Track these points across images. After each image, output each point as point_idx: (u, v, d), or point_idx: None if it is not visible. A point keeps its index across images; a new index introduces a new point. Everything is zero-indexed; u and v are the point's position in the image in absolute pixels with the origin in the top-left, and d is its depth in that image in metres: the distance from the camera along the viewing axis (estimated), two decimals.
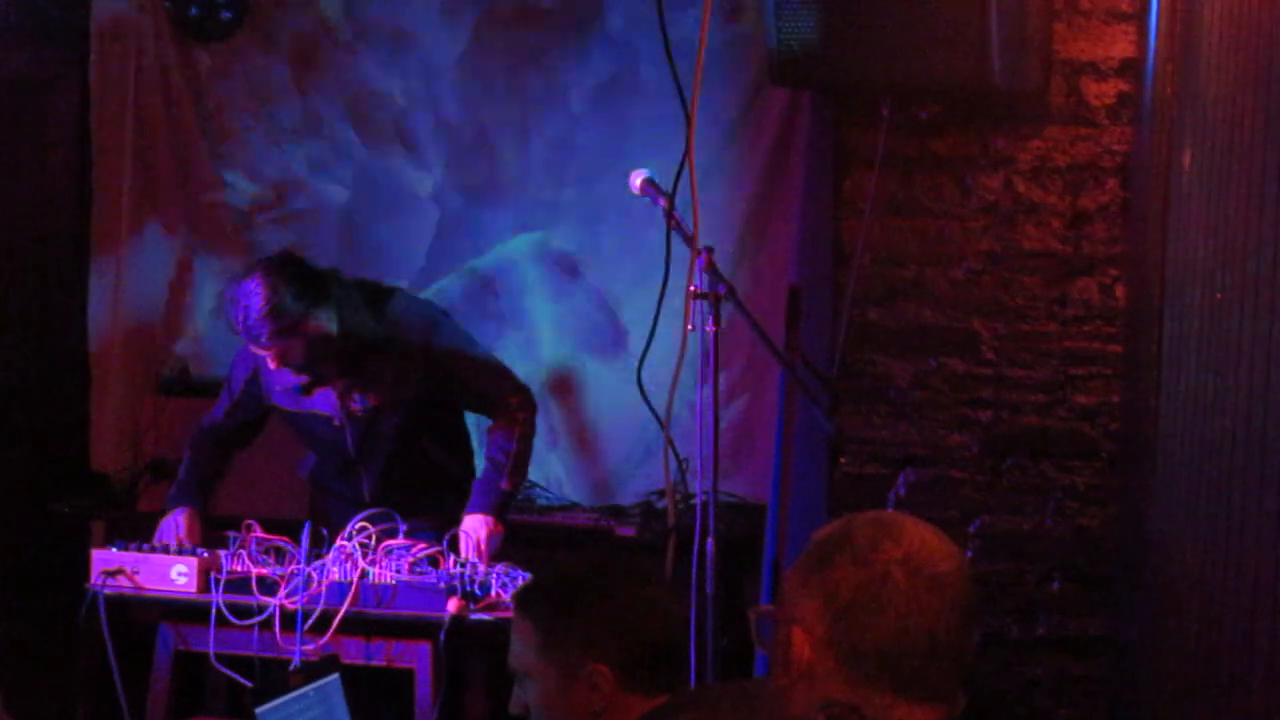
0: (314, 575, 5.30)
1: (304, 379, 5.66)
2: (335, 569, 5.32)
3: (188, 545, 5.56)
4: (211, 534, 5.69)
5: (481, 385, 5.83)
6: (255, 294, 5.39)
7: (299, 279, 5.48)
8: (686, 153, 5.11)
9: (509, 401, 5.82)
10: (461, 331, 5.92)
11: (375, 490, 5.79)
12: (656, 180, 5.26)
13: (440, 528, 5.55)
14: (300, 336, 5.46)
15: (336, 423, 5.75)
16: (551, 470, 7.00)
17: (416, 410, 5.76)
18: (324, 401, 5.72)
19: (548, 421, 7.02)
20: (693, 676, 4.82)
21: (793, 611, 2.48)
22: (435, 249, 7.10)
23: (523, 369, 6.97)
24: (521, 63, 6.94)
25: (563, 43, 6.87)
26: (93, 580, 5.43)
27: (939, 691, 2.45)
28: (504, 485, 5.70)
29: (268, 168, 7.19)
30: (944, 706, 2.46)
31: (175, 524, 5.67)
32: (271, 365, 5.54)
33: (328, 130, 7.14)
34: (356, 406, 5.70)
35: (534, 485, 6.96)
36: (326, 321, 5.49)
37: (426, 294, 7.01)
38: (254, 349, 5.51)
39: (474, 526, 5.59)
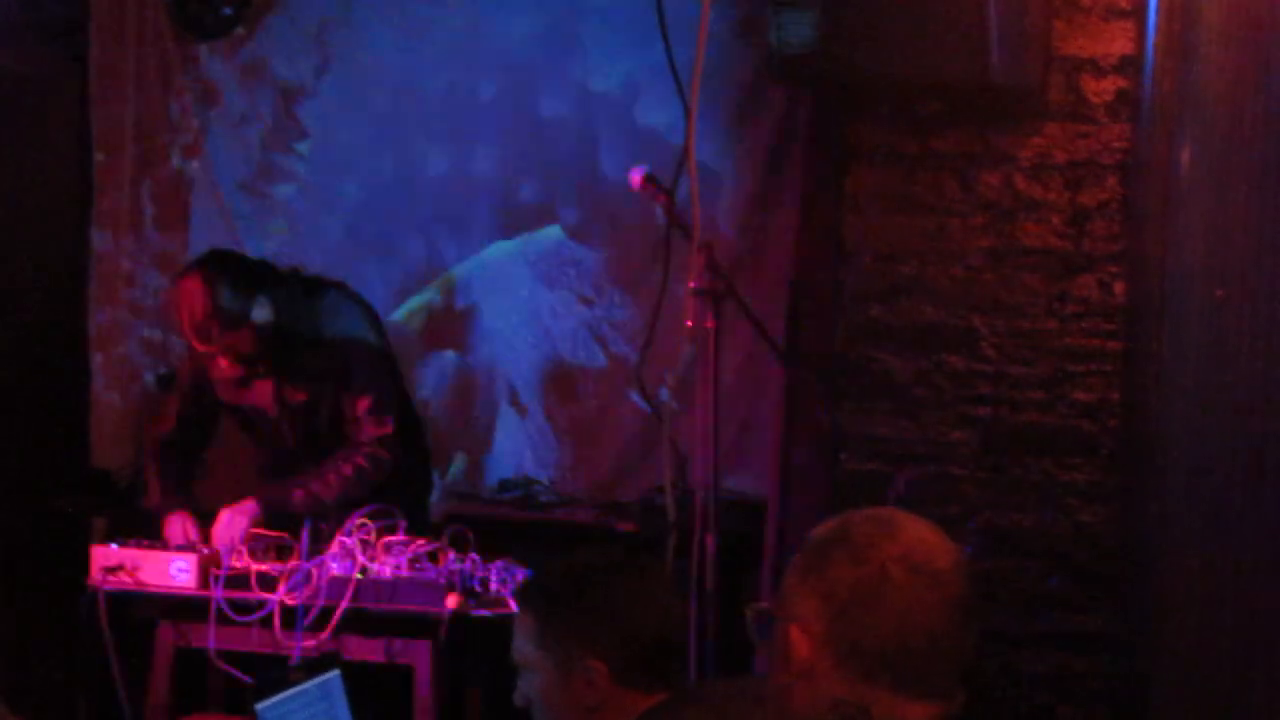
0: (314, 571, 5.30)
1: (241, 372, 5.68)
2: (335, 565, 5.32)
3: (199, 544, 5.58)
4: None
5: (358, 401, 5.76)
6: (196, 293, 5.44)
7: (236, 273, 5.52)
8: (687, 149, 5.12)
9: (370, 433, 5.75)
10: (381, 344, 5.87)
11: None
12: (657, 176, 5.27)
13: (391, 518, 5.55)
14: (247, 330, 5.49)
15: (273, 415, 5.77)
16: (552, 466, 7.00)
17: None
18: (261, 394, 5.75)
19: (549, 418, 7.03)
20: (692, 673, 4.82)
21: (791, 609, 2.48)
22: (438, 245, 7.11)
23: (526, 365, 6.99)
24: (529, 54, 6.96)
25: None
26: (93, 577, 5.44)
27: (938, 689, 2.45)
28: (295, 496, 5.66)
29: (268, 164, 7.19)
30: (943, 703, 2.46)
31: (183, 527, 5.68)
32: (221, 363, 5.57)
33: (329, 126, 7.15)
34: (292, 399, 5.73)
35: (535, 482, 6.96)
36: (267, 311, 5.53)
37: (429, 289, 7.02)
38: (202, 348, 5.53)
39: (241, 508, 5.60)
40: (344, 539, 5.36)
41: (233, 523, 5.55)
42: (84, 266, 7.22)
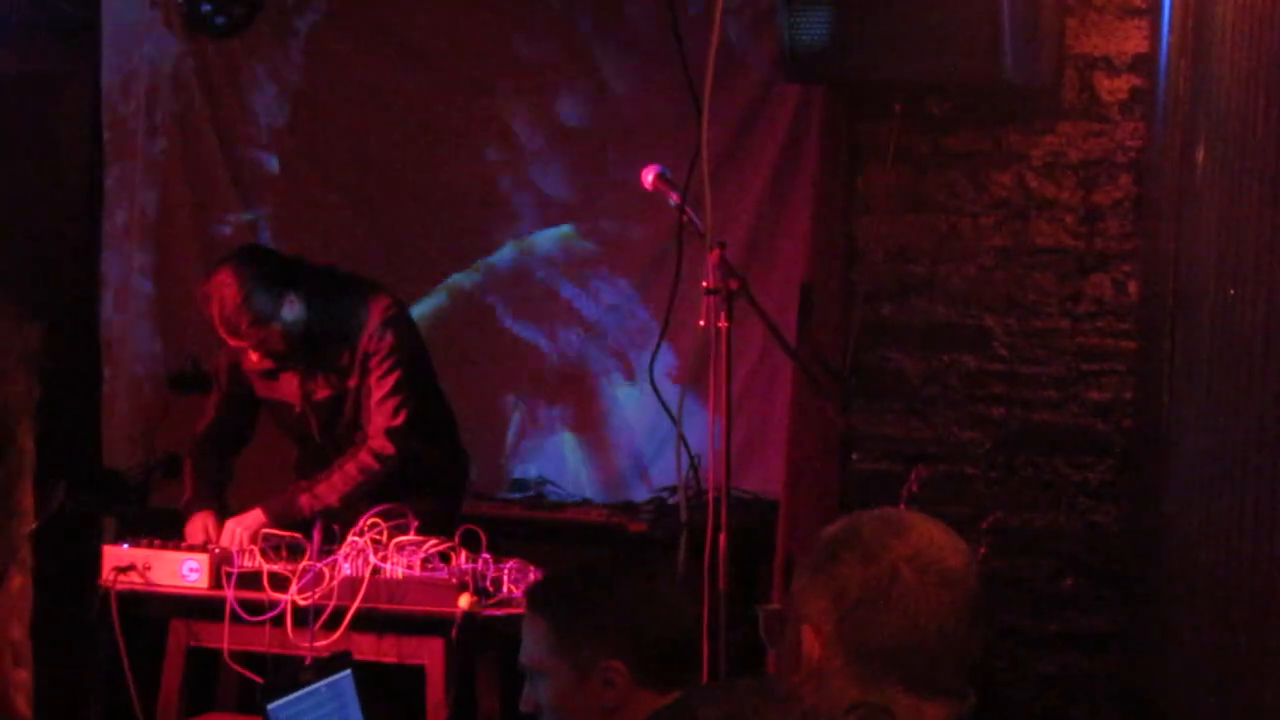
0: (325, 571, 5.30)
1: (270, 365, 5.69)
2: (347, 565, 5.32)
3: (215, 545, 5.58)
4: None
5: (374, 390, 5.73)
6: (228, 286, 5.46)
7: (268, 267, 5.54)
8: (699, 149, 5.11)
9: (380, 424, 5.70)
10: (408, 343, 5.84)
11: None
12: (669, 176, 5.26)
13: (421, 515, 5.56)
14: (277, 327, 5.51)
15: (298, 410, 5.78)
16: (564, 466, 7.00)
17: None
18: (288, 388, 5.76)
19: (560, 418, 7.02)
20: (705, 673, 4.82)
21: (801, 609, 2.47)
22: (449, 246, 7.10)
23: (534, 365, 6.98)
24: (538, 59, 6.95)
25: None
26: (104, 577, 5.44)
27: (948, 688, 2.44)
28: (301, 501, 5.65)
29: (279, 163, 7.19)
30: (953, 703, 2.45)
31: (204, 526, 5.68)
32: (251, 356, 5.60)
33: (341, 125, 7.15)
34: (317, 395, 5.73)
35: (546, 481, 6.96)
36: (297, 308, 5.55)
37: (441, 290, 7.02)
38: (233, 342, 5.56)
39: (244, 520, 5.61)
40: (355, 539, 5.36)
41: (234, 535, 5.56)
42: (95, 265, 7.23)
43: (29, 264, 7.02)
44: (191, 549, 5.50)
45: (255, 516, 5.60)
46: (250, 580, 5.35)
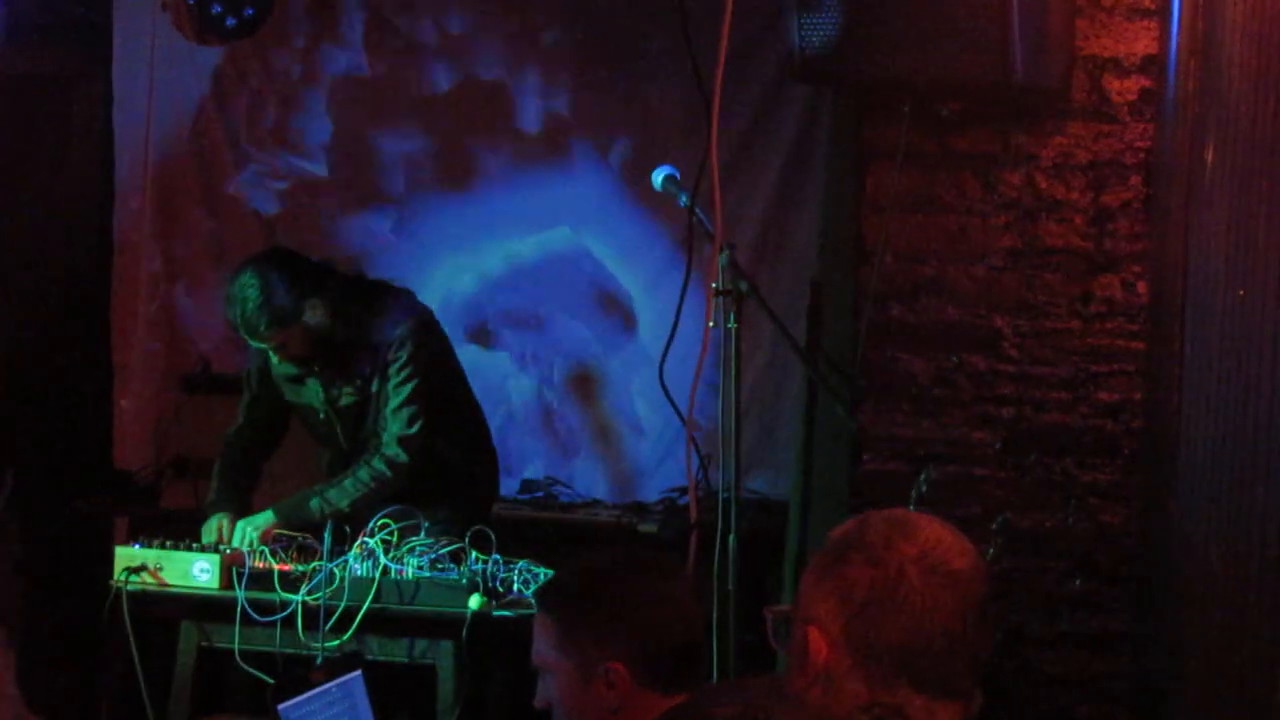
0: (336, 572, 5.31)
1: (294, 370, 5.70)
2: (357, 565, 5.33)
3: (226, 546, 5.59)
4: None
5: (390, 411, 5.73)
6: (249, 288, 5.46)
7: (290, 271, 5.54)
8: (708, 149, 5.12)
9: (394, 431, 5.72)
10: (431, 350, 5.85)
11: None
12: (678, 177, 5.27)
13: (447, 519, 5.57)
14: (299, 327, 5.52)
15: (323, 416, 5.78)
16: (574, 467, 7.00)
17: None
18: (313, 394, 5.76)
19: (570, 420, 7.03)
20: (713, 674, 4.83)
21: (809, 611, 2.47)
22: (454, 246, 7.11)
23: (544, 367, 6.99)
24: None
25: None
26: (115, 577, 5.45)
27: (956, 689, 2.45)
28: (311, 504, 5.65)
29: (289, 166, 7.20)
30: (962, 703, 2.45)
31: (219, 527, 5.69)
32: (276, 359, 5.62)
33: (348, 127, 7.16)
34: (340, 401, 5.74)
35: (556, 482, 6.97)
36: (320, 312, 5.54)
37: (443, 292, 7.02)
38: (255, 344, 5.58)
39: (255, 520, 5.63)
40: (366, 539, 5.37)
41: (245, 535, 5.57)
42: (107, 268, 7.24)
43: (40, 263, 7.03)
44: (203, 549, 5.52)
45: (266, 518, 5.61)
46: (261, 580, 5.36)
